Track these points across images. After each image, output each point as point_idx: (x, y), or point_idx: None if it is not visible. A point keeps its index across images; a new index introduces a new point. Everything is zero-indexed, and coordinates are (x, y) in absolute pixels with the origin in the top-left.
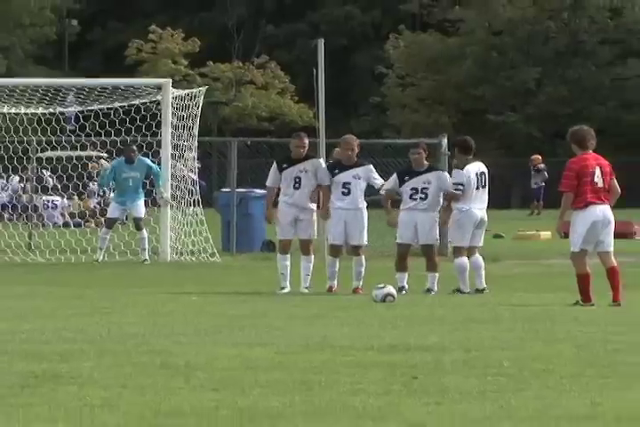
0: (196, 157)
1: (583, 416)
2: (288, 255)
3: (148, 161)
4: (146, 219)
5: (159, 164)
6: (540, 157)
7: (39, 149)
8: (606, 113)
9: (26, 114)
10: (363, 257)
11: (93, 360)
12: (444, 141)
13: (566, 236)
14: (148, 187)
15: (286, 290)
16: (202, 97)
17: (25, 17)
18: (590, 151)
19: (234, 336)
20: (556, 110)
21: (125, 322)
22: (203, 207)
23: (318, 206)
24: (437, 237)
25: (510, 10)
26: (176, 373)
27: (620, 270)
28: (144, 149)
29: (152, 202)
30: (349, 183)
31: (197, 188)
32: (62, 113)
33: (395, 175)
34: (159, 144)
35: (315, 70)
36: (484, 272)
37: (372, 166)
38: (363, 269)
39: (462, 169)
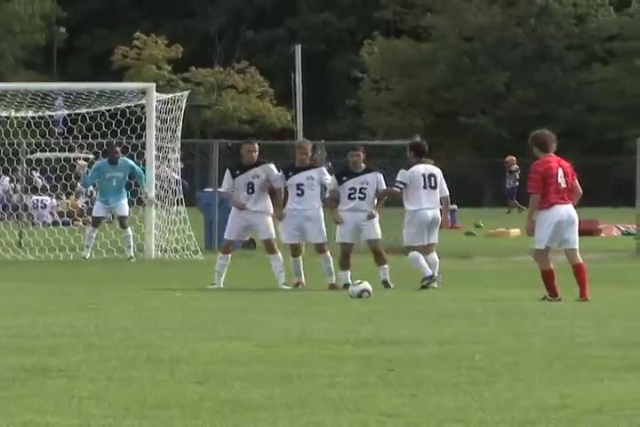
0: (179, 158)
1: (552, 407)
2: (229, 255)
3: (132, 162)
4: (131, 217)
5: (144, 165)
6: (514, 159)
7: (29, 150)
8: (573, 115)
9: (16, 117)
10: (328, 253)
11: (81, 354)
12: None
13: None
14: (133, 187)
15: (215, 286)
16: (184, 101)
17: (15, 24)
18: (552, 153)
19: (216, 331)
20: (525, 113)
21: (112, 317)
22: (186, 206)
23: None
24: (379, 231)
25: (480, 17)
26: (161, 366)
27: (586, 267)
28: (129, 151)
29: (137, 201)
30: (303, 184)
31: (180, 187)
32: (51, 116)
33: (333, 176)
34: (144, 146)
35: (292, 75)
36: (438, 268)
37: (324, 168)
38: (331, 265)
39: (408, 170)
